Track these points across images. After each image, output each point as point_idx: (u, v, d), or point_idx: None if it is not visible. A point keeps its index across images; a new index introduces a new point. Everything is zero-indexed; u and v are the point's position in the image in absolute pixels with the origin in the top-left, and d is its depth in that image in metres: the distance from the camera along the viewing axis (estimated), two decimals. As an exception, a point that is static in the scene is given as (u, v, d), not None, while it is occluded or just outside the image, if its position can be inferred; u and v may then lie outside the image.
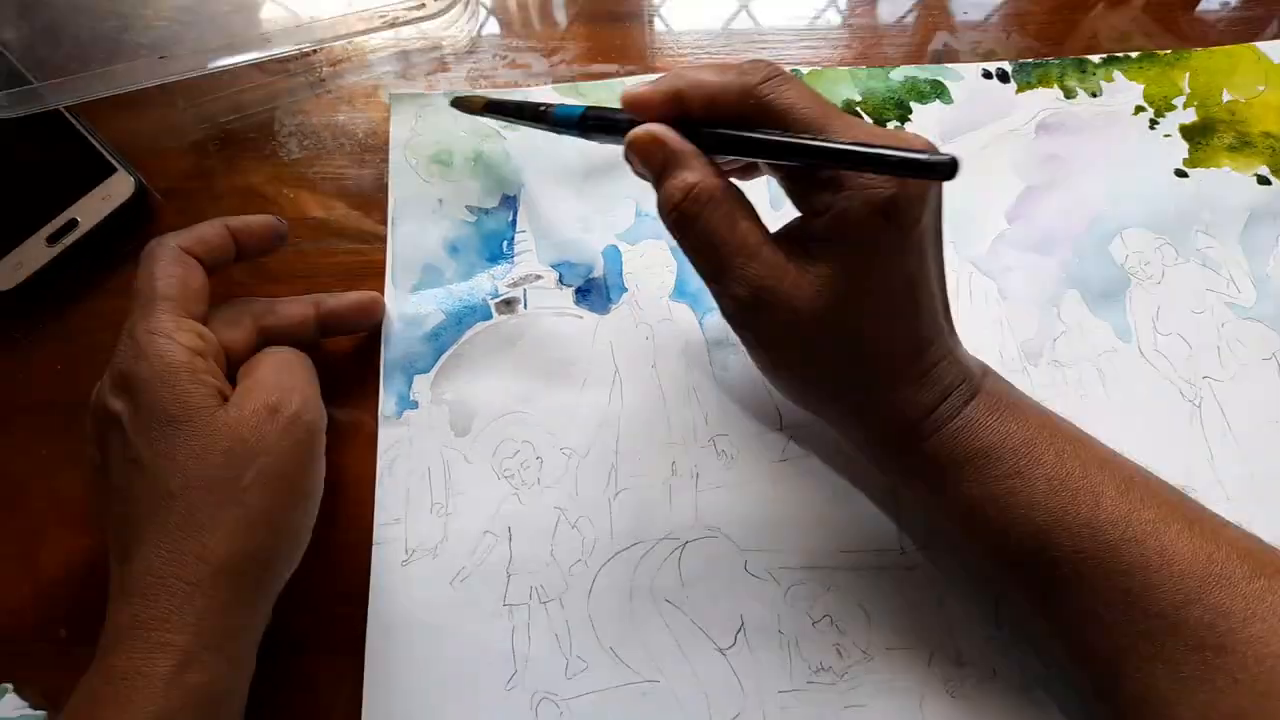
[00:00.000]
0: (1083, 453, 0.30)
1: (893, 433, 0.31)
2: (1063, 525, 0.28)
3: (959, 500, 0.30)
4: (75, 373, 0.40)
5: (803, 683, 0.34)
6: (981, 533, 0.30)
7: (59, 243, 0.40)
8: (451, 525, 0.36)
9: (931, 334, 0.30)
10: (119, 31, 0.44)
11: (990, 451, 0.29)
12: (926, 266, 0.29)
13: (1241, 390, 0.38)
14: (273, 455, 0.31)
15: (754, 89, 0.28)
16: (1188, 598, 0.26)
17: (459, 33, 0.46)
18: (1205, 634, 0.26)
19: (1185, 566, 0.27)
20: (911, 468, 0.31)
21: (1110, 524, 0.28)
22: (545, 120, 0.35)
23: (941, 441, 0.30)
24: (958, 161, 0.24)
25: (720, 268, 0.29)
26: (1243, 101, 0.43)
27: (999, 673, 0.33)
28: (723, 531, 0.36)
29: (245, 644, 0.31)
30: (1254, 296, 0.39)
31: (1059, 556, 0.28)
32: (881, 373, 0.30)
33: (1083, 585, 0.28)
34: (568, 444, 0.37)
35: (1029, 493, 0.29)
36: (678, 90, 0.29)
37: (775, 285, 0.28)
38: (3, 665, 0.35)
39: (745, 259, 0.28)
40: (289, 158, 0.44)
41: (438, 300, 0.40)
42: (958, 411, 0.30)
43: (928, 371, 0.30)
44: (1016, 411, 0.30)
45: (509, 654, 0.34)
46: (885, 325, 0.29)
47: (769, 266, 0.28)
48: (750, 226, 0.29)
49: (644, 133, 0.29)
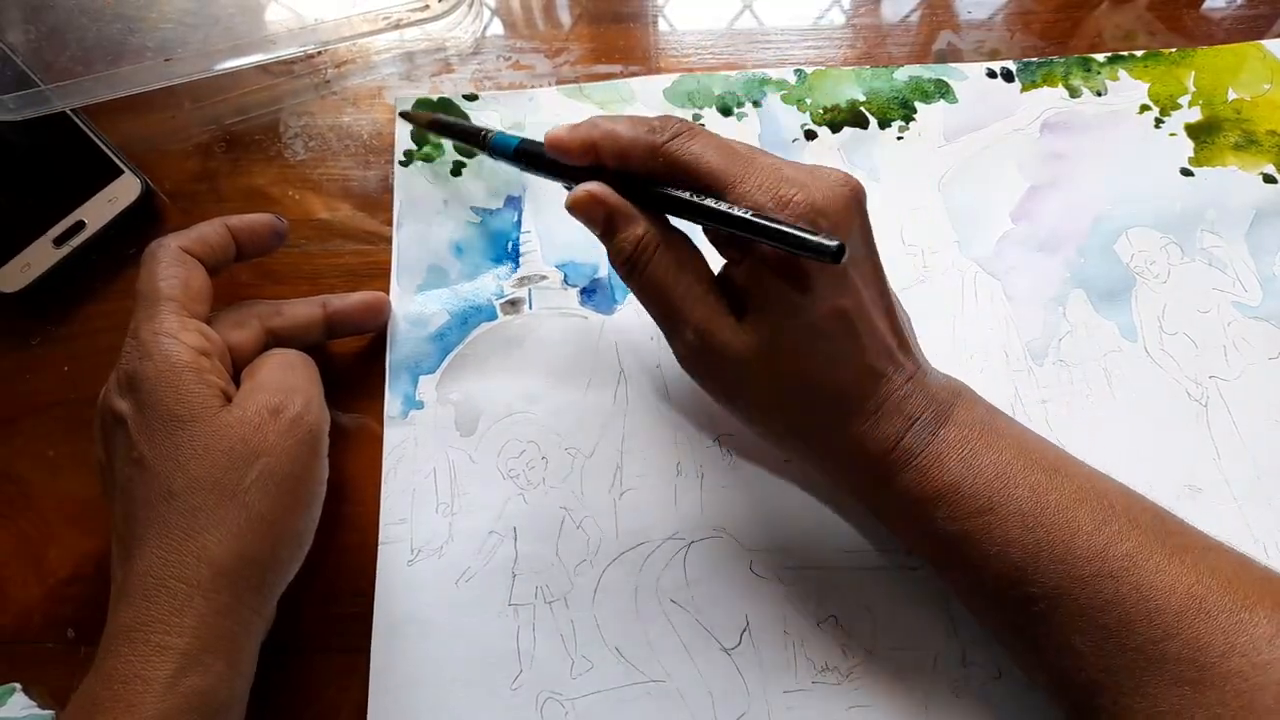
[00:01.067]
0: (1060, 483, 0.29)
1: (859, 469, 0.31)
2: (1037, 561, 0.28)
3: (932, 536, 0.30)
4: (82, 374, 0.40)
5: (808, 682, 0.34)
6: (957, 568, 0.30)
7: (66, 244, 0.40)
8: (457, 525, 0.36)
9: (881, 365, 0.30)
10: (125, 34, 0.44)
11: (961, 487, 0.29)
12: (860, 298, 0.29)
13: (1248, 389, 0.37)
14: (275, 456, 0.31)
15: (660, 147, 0.29)
16: (1166, 632, 0.26)
17: (463, 34, 0.46)
18: (1184, 668, 0.26)
19: (1163, 601, 0.26)
20: (884, 504, 0.31)
21: (1085, 559, 0.27)
22: (483, 146, 0.36)
23: (910, 478, 0.29)
24: (844, 248, 0.25)
25: (669, 314, 0.30)
26: (1248, 100, 0.43)
27: (1004, 673, 0.33)
28: (728, 531, 0.36)
29: (246, 646, 0.31)
30: (1260, 295, 0.39)
31: (1035, 592, 0.28)
32: (834, 412, 0.30)
33: (1059, 620, 0.27)
34: (573, 444, 0.37)
35: (1003, 529, 0.28)
36: (592, 140, 0.30)
37: (717, 331, 0.29)
38: (11, 665, 0.35)
39: (690, 305, 0.30)
40: (294, 159, 0.44)
41: (443, 301, 0.40)
42: (924, 445, 0.29)
43: (884, 403, 0.30)
44: (989, 440, 0.30)
45: (514, 654, 0.34)
46: (826, 366, 0.29)
47: (711, 313, 0.29)
48: (695, 274, 0.30)
49: (583, 193, 0.30)
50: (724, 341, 0.29)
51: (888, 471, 0.30)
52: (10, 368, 0.40)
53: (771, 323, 0.28)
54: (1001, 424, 0.31)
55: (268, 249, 0.37)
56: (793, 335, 0.28)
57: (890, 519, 0.32)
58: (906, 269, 0.40)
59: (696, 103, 0.44)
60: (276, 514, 0.31)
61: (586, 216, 0.31)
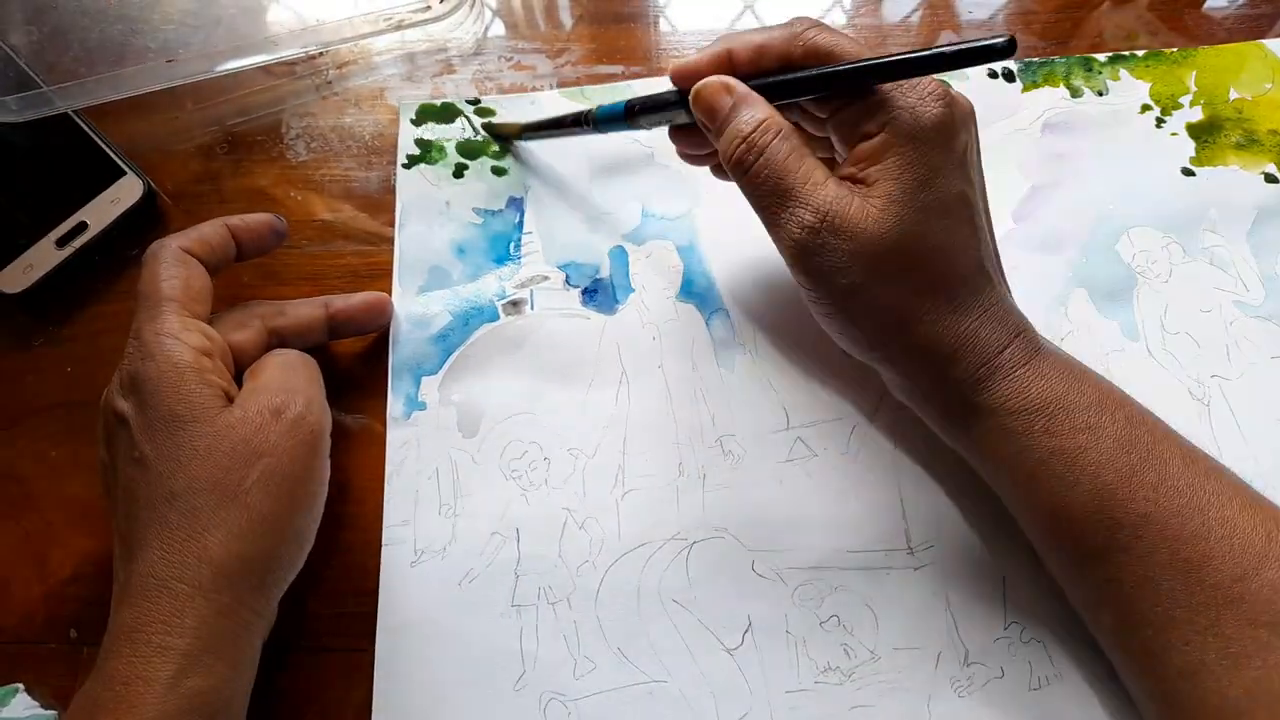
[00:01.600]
0: (1148, 422, 0.30)
1: (963, 371, 0.30)
2: (1129, 486, 0.28)
3: (1028, 451, 0.30)
4: (85, 374, 0.40)
5: (810, 683, 0.34)
6: (1045, 488, 0.30)
7: (69, 245, 0.40)
8: (460, 526, 0.36)
9: (990, 268, 0.31)
10: (127, 35, 0.44)
11: (1064, 401, 0.29)
12: (975, 193, 0.30)
13: (1250, 389, 0.37)
14: (276, 457, 0.31)
15: (799, 35, 0.30)
16: (1245, 572, 0.27)
17: (464, 35, 0.46)
18: (1261, 610, 0.26)
19: (1245, 540, 0.27)
20: (976, 416, 0.31)
21: (1175, 491, 0.28)
22: (587, 124, 0.36)
23: (1014, 386, 0.30)
24: (1015, 40, 0.25)
25: (788, 196, 0.30)
26: (1250, 99, 0.43)
27: (1007, 673, 0.33)
28: (730, 532, 0.36)
29: (247, 647, 0.31)
30: (1262, 295, 0.39)
31: (1121, 518, 0.28)
32: (949, 301, 0.30)
33: (1142, 551, 0.28)
34: (575, 445, 0.38)
35: (1099, 450, 0.29)
36: (726, 50, 0.31)
37: (843, 210, 0.29)
38: (13, 665, 0.35)
39: (813, 187, 0.29)
40: (296, 160, 0.44)
41: (445, 301, 0.40)
42: (1028, 358, 0.30)
43: (991, 307, 0.30)
44: (1083, 374, 0.31)
45: (517, 654, 0.34)
46: (949, 248, 0.29)
47: (835, 194, 0.29)
48: (816, 162, 0.30)
49: (713, 81, 0.31)
50: (851, 219, 0.29)
51: (990, 376, 0.30)
52: (13, 369, 0.40)
53: (905, 192, 0.28)
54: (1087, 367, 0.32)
55: (268, 248, 0.37)
56: (922, 211, 0.29)
57: (979, 433, 0.31)
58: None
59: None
60: (278, 514, 0.31)
61: (709, 105, 0.31)
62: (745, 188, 0.31)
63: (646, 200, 0.42)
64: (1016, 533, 0.33)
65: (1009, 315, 0.31)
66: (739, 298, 0.40)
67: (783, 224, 0.30)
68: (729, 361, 0.39)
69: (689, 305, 0.40)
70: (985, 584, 0.35)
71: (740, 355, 0.39)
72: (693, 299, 0.40)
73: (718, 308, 0.40)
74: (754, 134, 0.30)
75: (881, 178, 0.29)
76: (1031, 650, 0.34)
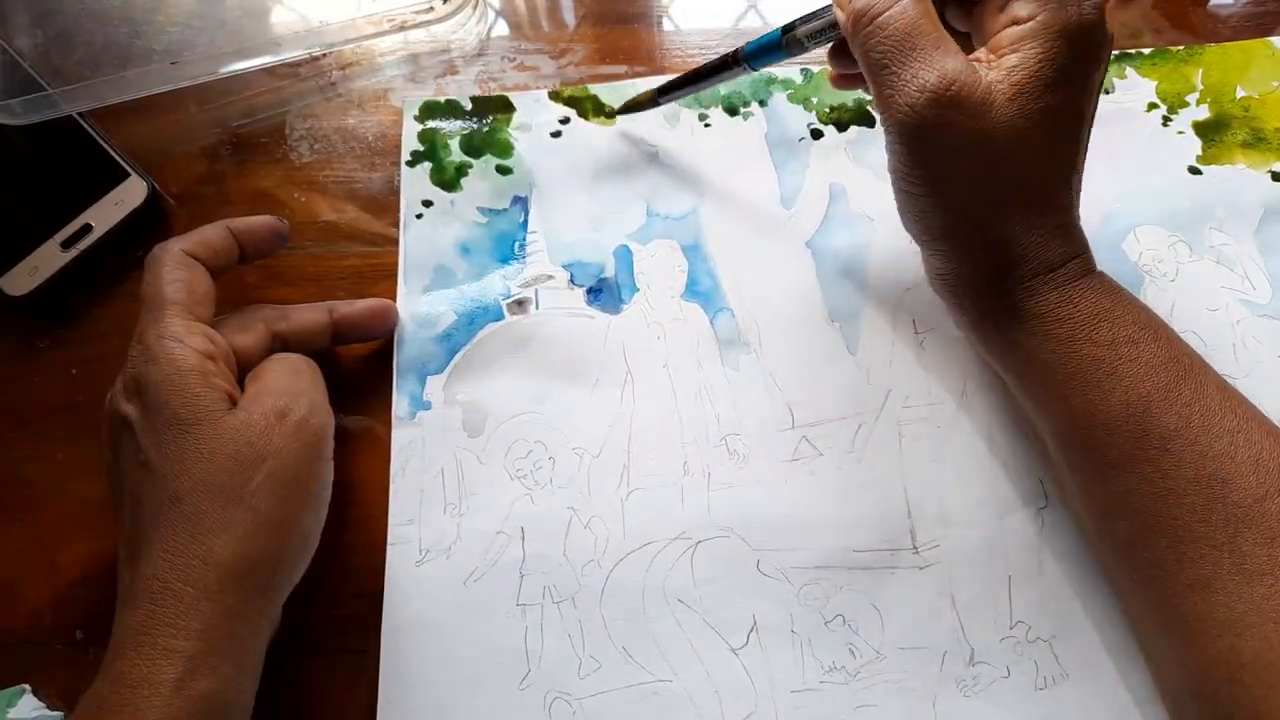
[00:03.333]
0: (1188, 349, 0.30)
1: (1022, 274, 0.30)
2: (1167, 399, 0.29)
3: (1069, 357, 0.30)
4: (90, 377, 0.40)
5: (815, 682, 0.34)
6: (1079, 394, 0.30)
7: (73, 247, 0.40)
8: (465, 526, 0.36)
9: (1075, 190, 0.31)
10: (131, 38, 0.44)
11: (1111, 315, 0.30)
12: (1088, 117, 0.30)
13: (1257, 388, 0.37)
14: (280, 459, 0.31)
15: None
16: (1268, 493, 0.27)
17: (468, 35, 0.46)
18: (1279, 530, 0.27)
19: (1270, 463, 0.28)
20: (1026, 317, 0.31)
21: (1208, 410, 0.28)
22: (738, 62, 0.36)
23: (1066, 294, 0.30)
24: None
25: (912, 55, 0.28)
26: (1256, 98, 0.42)
27: (1013, 672, 0.33)
28: (735, 531, 0.36)
29: (253, 649, 0.31)
30: (1269, 293, 0.39)
31: (1153, 427, 0.28)
32: (1037, 200, 0.30)
33: (1168, 464, 0.28)
34: (580, 444, 0.37)
35: (1142, 360, 0.29)
36: None
37: (971, 82, 0.28)
38: (20, 667, 0.35)
39: (943, 53, 0.28)
40: (300, 161, 0.44)
41: (450, 301, 0.40)
42: (1088, 270, 0.30)
43: (1065, 221, 0.30)
44: (1131, 297, 0.31)
45: (522, 653, 0.34)
46: (1056, 149, 0.29)
47: (965, 66, 0.28)
48: (947, 34, 0.29)
49: None
50: (977, 95, 0.28)
51: (1044, 284, 0.30)
52: (18, 371, 0.40)
53: (1032, 91, 0.28)
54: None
55: (270, 250, 0.37)
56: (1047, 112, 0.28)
57: (1020, 335, 0.31)
58: (915, 267, 0.40)
59: (703, 103, 0.44)
60: (282, 516, 0.31)
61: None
62: (867, 41, 0.29)
63: (651, 199, 0.42)
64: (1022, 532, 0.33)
65: (1077, 235, 0.31)
66: (744, 297, 0.40)
67: (900, 85, 0.28)
68: (734, 361, 0.39)
69: (694, 304, 0.40)
70: (991, 583, 0.35)
71: (745, 354, 0.39)
72: (697, 298, 0.40)
73: (722, 307, 0.39)
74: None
75: (1020, 64, 0.28)
76: (1038, 650, 0.34)
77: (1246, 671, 0.26)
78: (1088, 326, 0.30)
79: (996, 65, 0.28)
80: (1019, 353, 0.31)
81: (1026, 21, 0.28)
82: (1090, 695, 0.33)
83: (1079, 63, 0.28)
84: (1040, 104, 0.28)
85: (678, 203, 0.42)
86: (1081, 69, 0.28)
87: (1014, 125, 0.28)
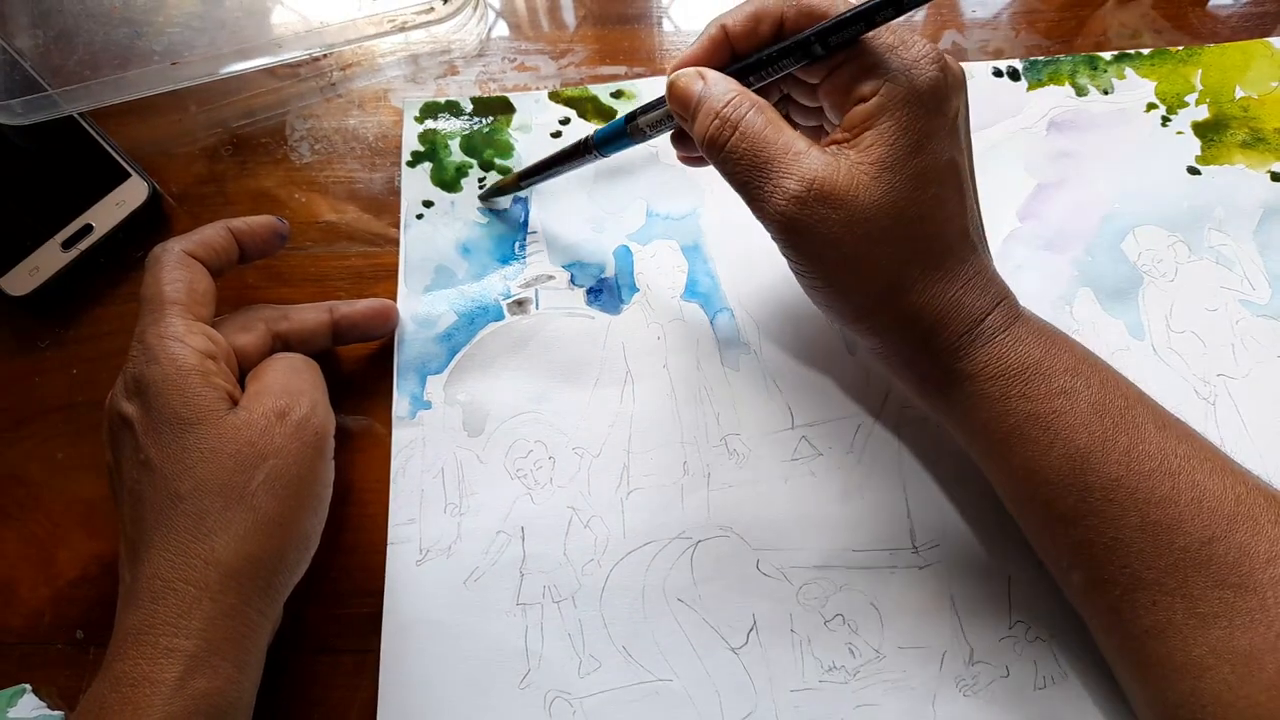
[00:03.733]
0: (1122, 387, 0.30)
1: (946, 338, 0.30)
2: (1103, 450, 0.28)
3: (1004, 416, 0.30)
4: (91, 376, 0.40)
5: (815, 681, 0.34)
6: (1020, 452, 0.30)
7: (74, 248, 0.40)
8: (465, 525, 0.36)
9: (975, 237, 0.31)
10: (132, 38, 0.45)
11: (1042, 366, 0.29)
12: (964, 160, 0.30)
13: (1256, 388, 0.37)
14: (281, 459, 0.31)
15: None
16: (1214, 535, 0.27)
17: (468, 36, 0.46)
18: (1228, 572, 0.27)
19: (1214, 504, 0.27)
20: (959, 379, 0.30)
21: (1147, 455, 0.28)
22: (587, 151, 0.36)
23: (994, 351, 0.30)
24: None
25: (768, 168, 0.29)
26: (1255, 98, 0.43)
27: (1012, 672, 0.33)
28: (734, 531, 0.36)
29: (253, 648, 0.31)
30: (1268, 293, 0.39)
31: (1093, 482, 0.28)
32: (935, 269, 0.29)
33: (1113, 513, 0.28)
34: (580, 444, 0.38)
35: (1075, 414, 0.29)
36: (720, 27, 0.30)
37: (831, 177, 0.28)
38: (21, 666, 0.36)
39: (796, 155, 0.28)
40: (300, 162, 0.44)
41: (450, 301, 0.40)
42: (1008, 325, 0.30)
43: (975, 275, 0.30)
44: (1060, 339, 0.31)
45: (522, 653, 0.35)
46: (938, 208, 0.29)
47: (822, 161, 0.28)
48: (795, 133, 0.29)
49: (686, 70, 0.30)
50: (841, 186, 0.28)
51: (970, 343, 0.30)
52: (19, 371, 0.40)
53: (895, 164, 0.28)
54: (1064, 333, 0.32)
55: (270, 250, 0.37)
56: (915, 177, 0.28)
57: (957, 398, 0.31)
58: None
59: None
60: (283, 516, 0.31)
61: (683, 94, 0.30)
62: (723, 166, 0.30)
63: (651, 200, 0.42)
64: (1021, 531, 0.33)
65: (992, 282, 0.31)
66: (743, 297, 0.40)
67: (766, 197, 0.29)
68: (733, 361, 0.39)
69: (694, 305, 0.40)
70: (990, 583, 0.35)
71: (745, 354, 0.39)
72: (697, 298, 0.40)
73: (722, 307, 0.40)
74: (726, 109, 0.29)
75: (876, 140, 0.28)
76: (1037, 649, 0.34)
77: (1208, 714, 0.27)
78: (1020, 382, 0.29)
79: (855, 144, 0.29)
80: (960, 414, 0.31)
81: (871, 98, 0.28)
82: (1089, 695, 0.33)
83: (934, 118, 0.28)
84: (907, 171, 0.28)
85: (678, 203, 0.42)
86: (938, 123, 0.28)
87: (887, 199, 0.28)
